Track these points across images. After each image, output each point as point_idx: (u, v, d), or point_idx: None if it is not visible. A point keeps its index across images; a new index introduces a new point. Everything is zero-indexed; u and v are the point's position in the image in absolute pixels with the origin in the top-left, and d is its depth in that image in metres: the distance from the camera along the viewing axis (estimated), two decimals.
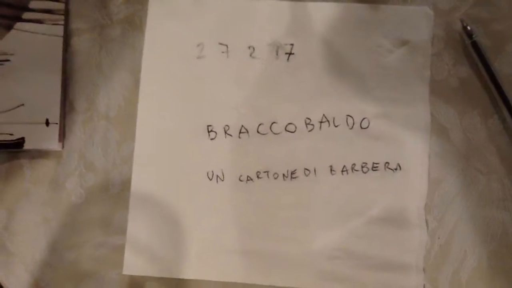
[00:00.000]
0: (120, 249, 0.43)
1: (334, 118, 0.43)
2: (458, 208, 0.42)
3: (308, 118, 0.44)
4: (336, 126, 0.43)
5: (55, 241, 0.44)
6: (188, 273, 0.43)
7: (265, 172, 0.43)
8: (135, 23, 0.45)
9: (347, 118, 0.43)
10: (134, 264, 0.43)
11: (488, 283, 0.41)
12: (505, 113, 0.42)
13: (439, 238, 0.42)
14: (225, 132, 0.44)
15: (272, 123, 0.44)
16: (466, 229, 0.42)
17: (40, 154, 0.45)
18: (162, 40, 0.45)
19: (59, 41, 0.45)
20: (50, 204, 0.45)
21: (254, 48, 0.44)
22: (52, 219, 0.44)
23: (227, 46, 0.44)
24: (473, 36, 0.42)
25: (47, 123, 0.44)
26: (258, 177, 0.43)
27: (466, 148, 0.43)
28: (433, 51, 0.44)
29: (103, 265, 0.44)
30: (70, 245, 0.44)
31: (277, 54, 0.44)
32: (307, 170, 0.43)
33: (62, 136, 0.45)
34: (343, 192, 0.43)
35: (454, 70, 0.44)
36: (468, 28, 0.42)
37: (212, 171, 0.44)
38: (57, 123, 0.44)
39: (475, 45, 0.42)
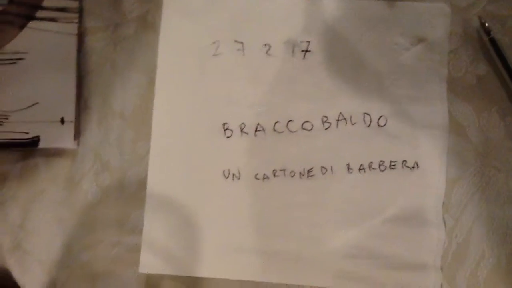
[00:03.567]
0: (136, 248, 0.43)
1: (351, 116, 0.43)
2: (476, 206, 0.42)
3: (325, 116, 0.43)
4: (353, 124, 0.43)
5: (70, 241, 0.44)
6: (205, 272, 0.43)
7: (281, 170, 0.43)
8: (149, 21, 0.45)
9: (364, 116, 0.43)
10: (150, 262, 0.43)
11: (506, 283, 0.41)
12: None
13: (456, 237, 0.42)
14: (241, 130, 0.44)
15: (288, 121, 0.43)
16: (484, 228, 0.42)
17: (55, 153, 0.45)
18: (176, 38, 0.44)
19: (73, 40, 0.45)
20: (65, 203, 0.44)
21: (270, 46, 0.44)
22: (67, 219, 0.44)
23: (242, 43, 0.44)
24: (491, 33, 0.42)
25: (62, 121, 0.44)
26: (274, 175, 0.43)
27: (484, 146, 0.42)
28: (450, 48, 0.43)
29: (119, 264, 0.44)
30: (85, 245, 0.44)
31: (293, 52, 0.44)
32: (324, 168, 0.43)
33: (78, 134, 0.45)
34: (360, 190, 0.43)
35: (472, 67, 0.43)
36: (486, 24, 0.42)
37: (228, 170, 0.43)
38: (72, 122, 0.44)
39: (493, 42, 0.42)
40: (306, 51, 0.44)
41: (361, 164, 0.43)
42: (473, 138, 0.43)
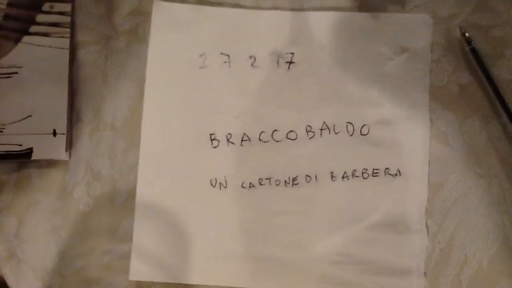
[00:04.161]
0: (127, 256, 0.45)
1: (334, 125, 0.44)
2: (459, 212, 0.43)
3: (309, 126, 0.44)
4: (336, 133, 0.44)
5: (63, 249, 0.45)
6: (194, 279, 0.44)
7: (267, 179, 0.44)
8: (139, 34, 0.46)
9: (347, 125, 0.44)
10: (140, 270, 0.44)
11: (488, 287, 0.42)
12: (505, 118, 0.42)
13: (439, 242, 0.43)
14: (228, 140, 0.45)
15: (273, 131, 0.44)
16: (467, 233, 0.43)
17: (48, 164, 0.46)
18: (165, 51, 0.46)
19: (66, 54, 0.46)
20: (58, 212, 0.46)
21: (255, 58, 0.45)
22: (60, 227, 0.46)
23: (229, 56, 0.45)
24: (472, 42, 0.43)
25: (54, 133, 0.45)
26: (260, 184, 0.44)
27: (466, 153, 0.43)
28: (433, 57, 0.44)
29: (110, 271, 0.45)
30: (78, 253, 0.45)
31: (278, 63, 0.45)
32: (309, 176, 0.44)
33: (69, 146, 0.46)
34: (344, 198, 0.44)
35: (454, 76, 0.44)
36: (467, 34, 0.43)
37: (215, 179, 0.45)
38: (64, 134, 0.45)
39: (474, 51, 0.43)
40: (291, 62, 0.45)
41: (345, 172, 0.44)
42: (455, 145, 0.43)
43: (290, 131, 0.44)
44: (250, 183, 0.44)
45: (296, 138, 0.44)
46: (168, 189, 0.45)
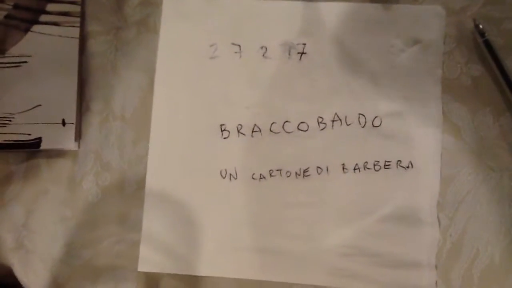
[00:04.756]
0: (136, 246, 0.44)
1: (346, 117, 0.44)
2: (470, 205, 0.43)
3: (321, 117, 0.44)
4: (348, 125, 0.44)
5: (72, 239, 0.45)
6: (203, 270, 0.44)
7: (277, 170, 0.44)
8: (149, 25, 0.46)
9: (359, 117, 0.44)
10: (149, 260, 0.44)
11: (500, 280, 0.42)
12: None
13: (451, 235, 0.42)
14: (238, 131, 0.45)
15: (284, 122, 0.44)
16: (478, 227, 0.42)
17: (57, 154, 0.46)
18: (176, 41, 0.46)
19: (75, 43, 0.46)
20: (67, 203, 0.46)
21: (266, 48, 0.45)
22: (69, 218, 0.46)
23: (240, 46, 0.45)
24: (485, 34, 0.42)
25: (64, 123, 0.45)
26: (271, 175, 0.44)
27: (478, 146, 0.43)
28: (445, 50, 0.44)
29: (119, 262, 0.45)
30: (86, 243, 0.45)
31: (289, 54, 0.45)
32: (320, 168, 0.44)
33: (78, 136, 0.46)
34: (355, 190, 0.43)
35: (466, 68, 0.44)
36: (480, 26, 0.42)
37: (226, 170, 0.44)
38: (73, 123, 0.45)
39: (487, 43, 0.42)
40: (302, 53, 0.45)
41: (356, 164, 0.43)
42: (467, 138, 0.43)
43: (301, 122, 0.44)
44: (260, 174, 0.44)
45: (307, 130, 0.44)
46: (178, 179, 0.45)
